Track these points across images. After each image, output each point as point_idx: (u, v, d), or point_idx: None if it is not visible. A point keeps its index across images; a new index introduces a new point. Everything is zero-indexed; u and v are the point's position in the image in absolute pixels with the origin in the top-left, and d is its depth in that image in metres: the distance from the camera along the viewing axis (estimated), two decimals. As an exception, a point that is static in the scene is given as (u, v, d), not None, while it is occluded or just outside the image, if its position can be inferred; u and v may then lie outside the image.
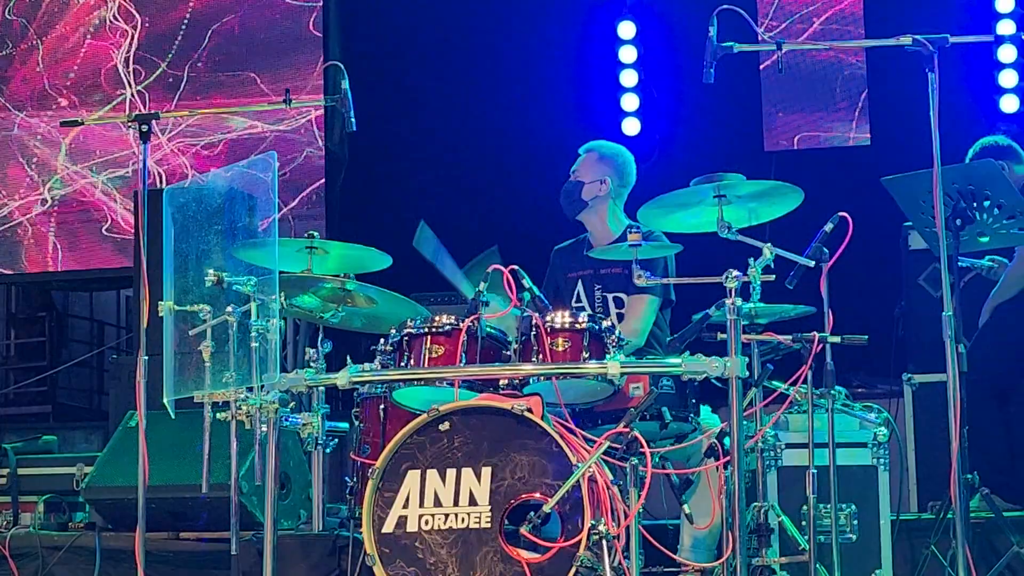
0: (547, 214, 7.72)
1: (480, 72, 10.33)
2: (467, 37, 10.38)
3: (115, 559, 6.84)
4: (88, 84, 10.84)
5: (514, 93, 10.23)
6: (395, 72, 10.31)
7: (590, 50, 10.21)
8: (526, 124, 10.06)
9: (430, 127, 10.41)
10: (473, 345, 5.65)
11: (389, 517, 5.37)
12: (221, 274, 5.57)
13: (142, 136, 5.87)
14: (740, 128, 10.08)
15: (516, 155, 10.02)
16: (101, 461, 7.13)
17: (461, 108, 10.34)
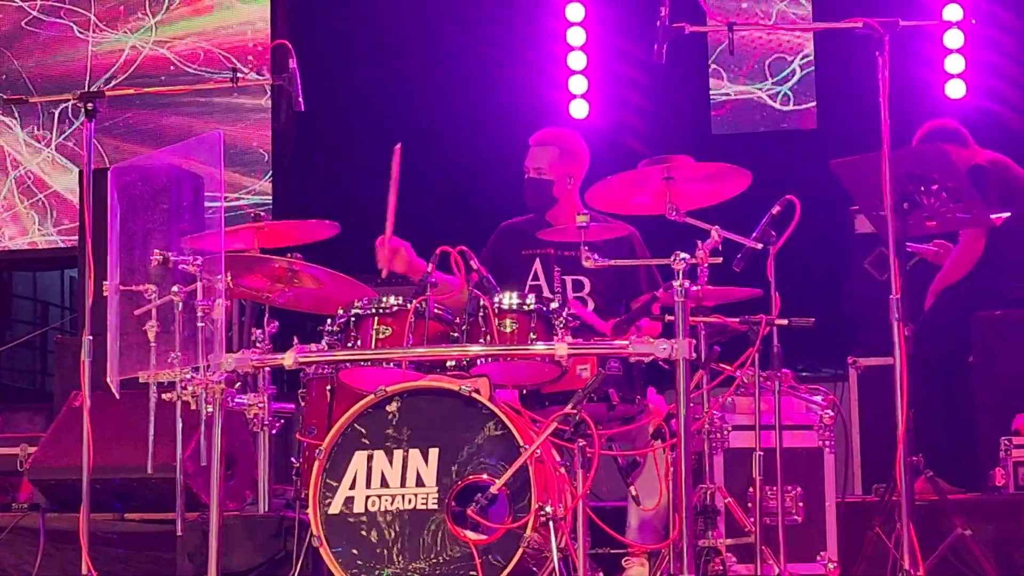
0: (494, 193, 7.71)
1: (428, 52, 10.30)
2: (415, 17, 10.34)
3: (59, 540, 6.79)
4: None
5: (462, 73, 10.21)
6: (341, 51, 10.27)
7: (539, 31, 10.19)
8: (475, 104, 10.04)
9: (377, 107, 10.37)
10: (420, 325, 5.63)
11: (335, 498, 5.36)
12: (167, 253, 5.54)
13: (87, 114, 5.81)
14: (688, 110, 10.10)
15: (465, 135, 10.00)
16: (46, 442, 7.08)
17: (408, 88, 10.30)
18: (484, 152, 9.64)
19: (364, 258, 6.62)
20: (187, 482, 6.16)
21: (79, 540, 5.91)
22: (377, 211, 6.46)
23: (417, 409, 5.40)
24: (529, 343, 5.55)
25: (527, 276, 6.65)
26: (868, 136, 5.56)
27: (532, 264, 6.69)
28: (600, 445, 5.22)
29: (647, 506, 5.83)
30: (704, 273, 5.55)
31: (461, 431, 5.33)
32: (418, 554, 5.30)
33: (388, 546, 5.32)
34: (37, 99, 6.05)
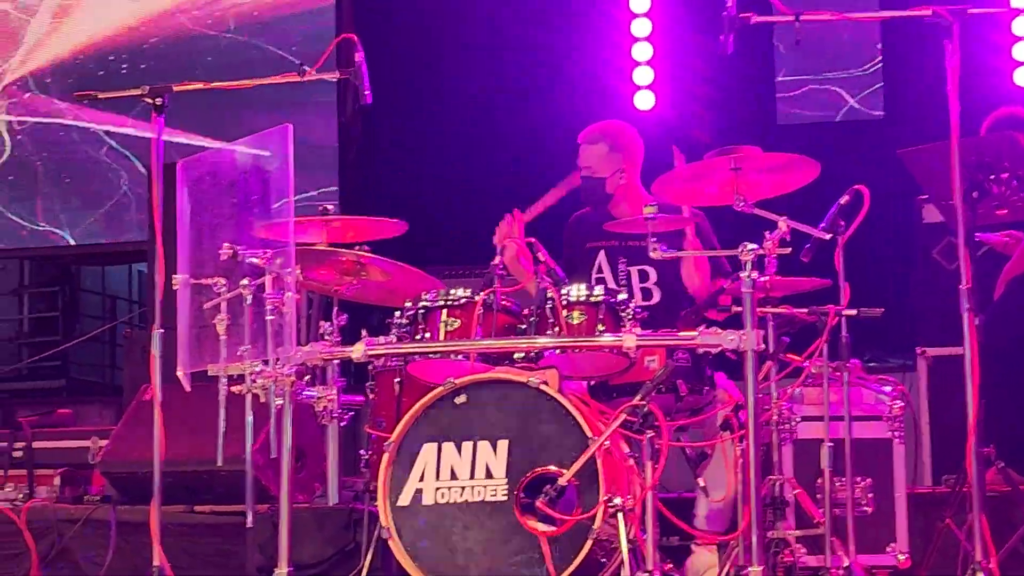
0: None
1: (494, 45, 10.29)
2: (479, 9, 10.34)
3: (130, 532, 6.85)
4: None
5: (527, 67, 10.19)
6: (404, 44, 10.28)
7: (604, 23, 10.16)
8: (540, 97, 10.03)
9: (441, 100, 10.38)
10: (489, 318, 5.65)
11: (405, 490, 5.39)
12: (236, 247, 5.57)
13: (156, 109, 5.85)
14: (754, 100, 10.05)
15: (529, 128, 9.98)
16: (116, 435, 7.14)
17: (473, 81, 10.30)
18: (549, 145, 9.61)
19: (430, 250, 6.64)
20: (256, 475, 6.20)
21: (150, 532, 5.96)
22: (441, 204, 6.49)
23: (486, 401, 5.41)
24: (597, 335, 5.55)
25: (592, 268, 6.63)
26: (936, 125, 5.52)
27: (596, 256, 6.67)
28: (668, 436, 5.22)
29: (715, 497, 5.83)
30: (772, 264, 5.53)
31: (529, 423, 5.35)
32: (486, 546, 5.33)
33: (456, 538, 5.35)
34: (107, 94, 6.05)
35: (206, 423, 6.53)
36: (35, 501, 7.34)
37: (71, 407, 8.89)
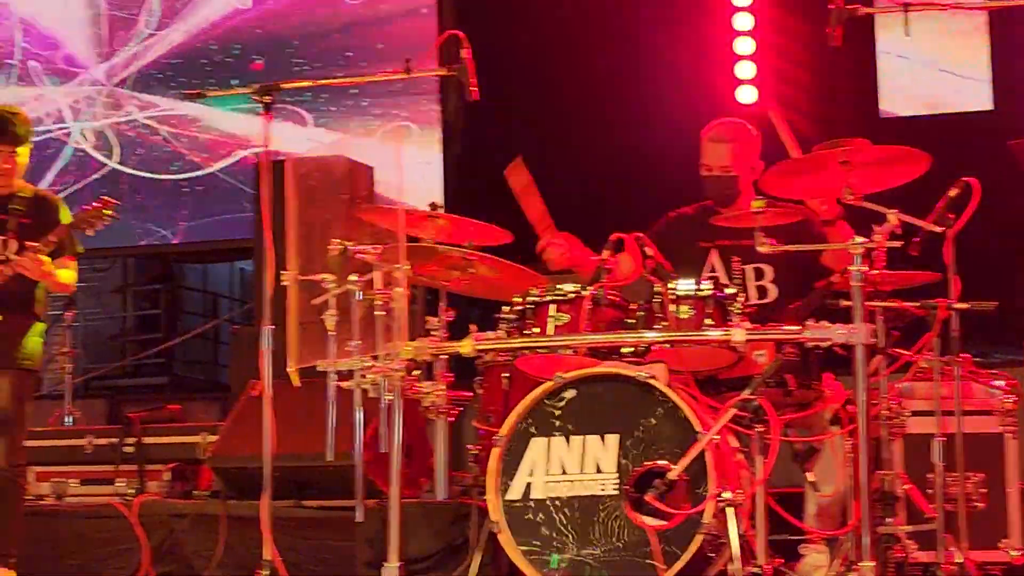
0: (663, 180, 7.68)
1: (594, 42, 10.28)
2: (581, 5, 10.33)
3: (239, 527, 6.91)
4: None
5: (628, 62, 10.17)
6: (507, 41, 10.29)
7: (705, 17, 10.12)
8: (641, 93, 10.01)
9: (546, 96, 10.38)
10: (597, 313, 5.65)
11: (514, 484, 5.41)
12: (346, 243, 5.61)
13: (265, 107, 5.90)
14: (857, 93, 9.97)
15: (632, 124, 9.96)
16: (225, 430, 7.20)
17: (574, 77, 10.29)
18: (652, 140, 9.61)
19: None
20: (364, 470, 6.24)
21: (259, 527, 6.02)
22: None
23: (594, 396, 5.42)
24: (705, 329, 5.54)
25: (703, 268, 6.57)
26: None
27: (708, 256, 6.61)
28: (778, 431, 5.20)
29: (825, 492, 5.79)
30: (881, 257, 5.48)
31: (638, 417, 5.35)
32: (594, 540, 5.34)
33: (566, 532, 5.36)
34: (216, 92, 6.11)
35: (315, 418, 6.59)
36: (146, 496, 7.43)
37: (175, 404, 8.97)
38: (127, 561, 7.07)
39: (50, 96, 11.72)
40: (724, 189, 6.59)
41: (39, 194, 6.74)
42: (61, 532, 7.25)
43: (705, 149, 6.63)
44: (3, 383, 6.51)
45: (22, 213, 6.58)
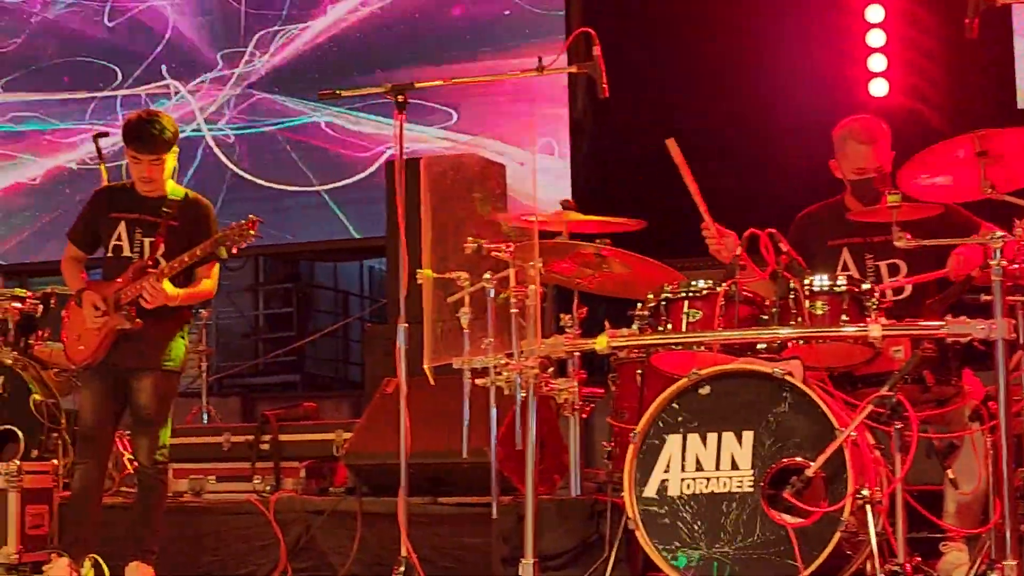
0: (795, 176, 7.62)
1: (725, 37, 10.22)
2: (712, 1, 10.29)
3: (375, 524, 6.96)
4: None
5: (760, 56, 10.10)
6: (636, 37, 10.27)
7: (837, 10, 10.03)
8: (771, 86, 9.94)
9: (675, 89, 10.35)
10: (731, 309, 5.62)
11: (650, 481, 5.40)
12: (481, 241, 5.63)
13: (399, 106, 5.94)
14: (991, 85, 9.83)
15: (763, 119, 9.90)
16: (360, 428, 7.25)
17: (705, 73, 10.25)
18: (784, 134, 9.54)
19: (667, 242, 6.62)
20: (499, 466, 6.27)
21: (395, 523, 6.06)
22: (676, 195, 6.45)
23: (730, 392, 5.40)
24: (840, 325, 5.49)
25: (836, 266, 6.50)
26: None
27: (840, 254, 6.53)
28: (917, 427, 5.14)
29: (965, 490, 5.71)
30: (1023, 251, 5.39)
31: (775, 414, 5.31)
32: (730, 537, 5.31)
33: (700, 529, 5.33)
34: (349, 92, 6.16)
35: (450, 416, 6.63)
36: (282, 493, 7.50)
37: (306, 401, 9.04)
38: (265, 557, 7.15)
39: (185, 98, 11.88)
40: (877, 187, 6.43)
41: (190, 197, 6.82)
42: (200, 529, 7.34)
43: (851, 151, 6.46)
44: (146, 383, 6.61)
45: (171, 216, 6.67)
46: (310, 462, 7.63)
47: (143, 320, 6.58)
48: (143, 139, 6.63)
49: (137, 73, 12.11)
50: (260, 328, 15.24)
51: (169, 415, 6.75)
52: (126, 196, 6.83)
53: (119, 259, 6.70)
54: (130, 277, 6.60)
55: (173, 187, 6.79)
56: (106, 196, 6.94)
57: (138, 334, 6.61)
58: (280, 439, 7.73)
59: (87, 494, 6.67)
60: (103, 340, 6.61)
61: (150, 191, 6.73)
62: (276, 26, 11.63)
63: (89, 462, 6.68)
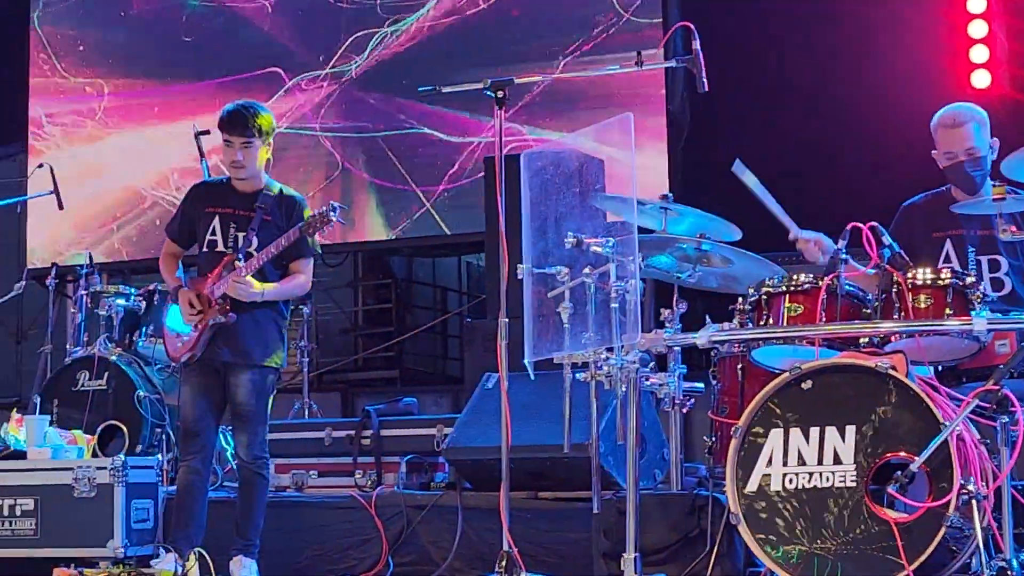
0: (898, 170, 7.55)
1: (823, 31, 10.16)
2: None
3: (476, 518, 6.97)
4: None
5: (858, 50, 10.03)
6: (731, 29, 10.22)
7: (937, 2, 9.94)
8: (872, 82, 9.86)
9: (771, 87, 10.30)
10: (832, 303, 5.59)
11: (752, 476, 5.38)
12: (581, 236, 5.64)
13: (498, 102, 5.96)
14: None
15: (862, 113, 9.82)
16: (460, 422, 7.27)
17: (802, 64, 10.18)
18: (883, 128, 9.47)
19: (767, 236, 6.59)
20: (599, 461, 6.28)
21: (495, 518, 6.08)
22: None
23: (832, 386, 5.36)
24: (945, 319, 5.45)
25: (938, 258, 6.45)
26: None
27: (943, 246, 6.48)
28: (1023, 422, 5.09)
29: (1072, 484, 5.65)
30: None
31: (878, 408, 5.27)
32: (835, 532, 5.28)
33: (802, 524, 5.31)
34: (450, 88, 6.18)
35: (550, 410, 6.65)
36: (384, 488, 7.54)
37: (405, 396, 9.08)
38: (366, 552, 7.18)
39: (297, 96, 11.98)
40: (977, 172, 6.38)
41: (284, 192, 6.86)
42: (301, 523, 7.39)
43: (943, 137, 6.47)
44: (243, 379, 6.67)
45: (265, 210, 6.72)
46: (411, 457, 7.66)
47: (238, 315, 6.63)
48: (234, 122, 6.68)
49: (239, 68, 12.23)
50: (359, 324, 15.35)
51: (267, 410, 6.80)
52: (221, 191, 6.88)
53: (213, 254, 6.76)
54: (221, 272, 6.65)
55: (268, 182, 6.84)
56: (202, 191, 6.99)
57: (234, 329, 6.65)
58: (381, 434, 7.77)
59: (191, 489, 6.73)
60: (200, 336, 6.67)
61: (242, 181, 6.76)
62: (374, 27, 11.69)
63: (192, 458, 6.74)
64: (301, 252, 6.74)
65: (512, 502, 5.90)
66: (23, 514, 7.31)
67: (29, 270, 11.82)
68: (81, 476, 7.20)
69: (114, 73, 12.75)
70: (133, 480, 7.21)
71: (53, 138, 12.84)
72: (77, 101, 12.81)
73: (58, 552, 7.10)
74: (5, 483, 7.38)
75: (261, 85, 12.00)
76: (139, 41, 12.70)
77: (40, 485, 7.30)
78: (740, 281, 6.13)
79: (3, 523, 7.33)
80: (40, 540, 7.26)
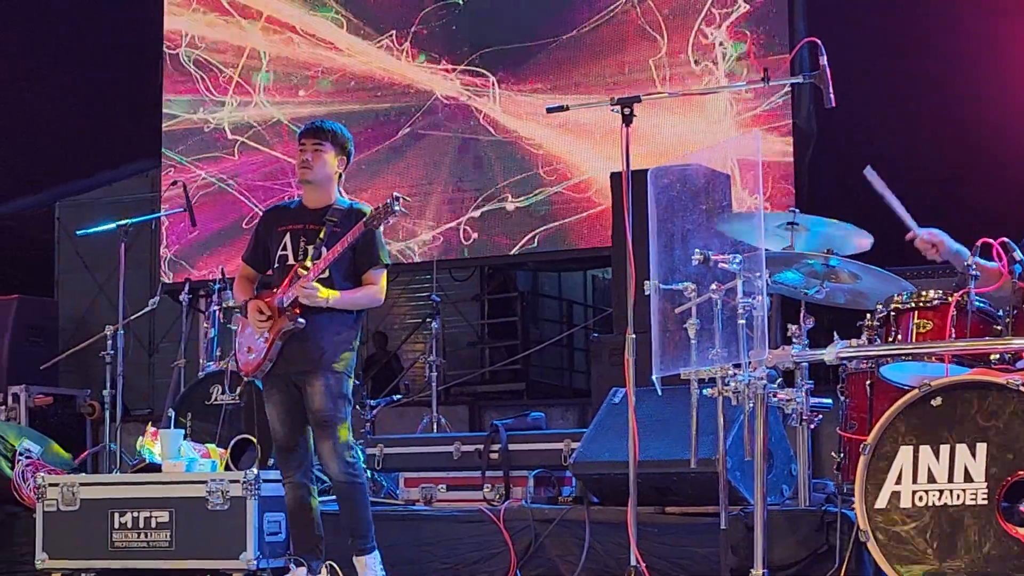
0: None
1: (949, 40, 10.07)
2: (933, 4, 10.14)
3: (603, 533, 6.99)
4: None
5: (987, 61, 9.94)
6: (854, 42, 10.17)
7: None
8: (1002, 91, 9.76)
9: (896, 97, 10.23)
10: (962, 319, 5.56)
11: (882, 493, 5.37)
12: (707, 252, 5.65)
13: (624, 119, 5.99)
14: None
15: (991, 123, 9.72)
16: (588, 437, 7.29)
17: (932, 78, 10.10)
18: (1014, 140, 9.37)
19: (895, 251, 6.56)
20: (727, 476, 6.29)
21: (622, 532, 6.09)
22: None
23: (963, 403, 5.33)
24: (1078, 334, 5.40)
25: None
26: None
27: None
28: None
29: None
30: None
31: (1011, 425, 5.23)
32: (963, 551, 5.25)
33: (933, 541, 5.29)
34: (577, 106, 6.23)
35: (677, 425, 6.66)
36: (512, 502, 7.58)
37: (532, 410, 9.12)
38: (495, 565, 7.22)
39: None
40: None
41: (354, 206, 6.87)
42: (430, 536, 7.44)
43: None
44: (318, 386, 6.59)
45: (335, 223, 6.72)
46: (538, 471, 7.69)
47: (307, 322, 6.61)
48: (308, 130, 6.76)
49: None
50: (485, 337, 15.45)
51: (346, 415, 6.71)
52: (292, 211, 6.89)
53: (284, 267, 6.74)
54: (290, 281, 6.67)
55: (339, 199, 6.86)
56: (274, 214, 7.00)
57: (304, 337, 6.60)
58: (509, 448, 7.81)
59: (302, 504, 6.71)
60: (271, 345, 6.67)
61: (311, 191, 6.76)
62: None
63: (293, 473, 6.71)
64: (372, 261, 6.71)
65: (639, 517, 5.92)
66: (158, 526, 7.46)
67: (163, 285, 12.06)
68: (215, 489, 7.33)
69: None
70: (265, 493, 7.31)
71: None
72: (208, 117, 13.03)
73: (192, 564, 7.22)
74: (141, 495, 7.54)
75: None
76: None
77: (175, 498, 7.45)
78: (868, 297, 6.10)
79: (139, 535, 7.48)
80: (175, 552, 7.40)
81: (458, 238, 11.66)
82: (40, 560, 7.61)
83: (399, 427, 11.18)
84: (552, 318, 15.78)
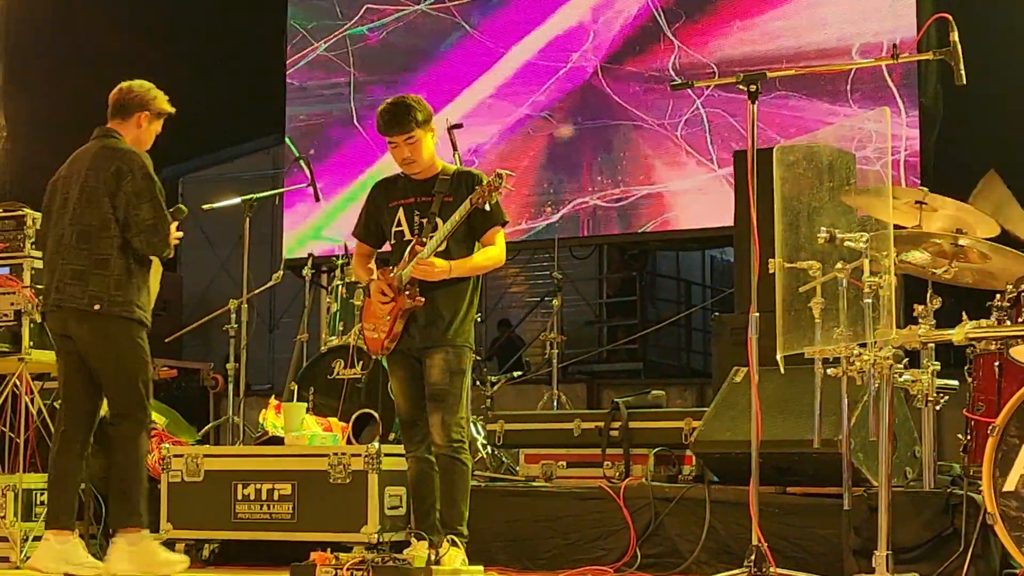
0: None
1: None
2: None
3: (723, 512, 6.96)
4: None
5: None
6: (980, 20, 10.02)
7: None
8: None
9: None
10: (1095, 298, 5.47)
11: (1010, 476, 5.30)
12: (834, 231, 5.60)
13: (751, 96, 5.95)
14: None
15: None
16: (709, 416, 7.27)
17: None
18: None
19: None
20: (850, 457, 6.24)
21: (743, 512, 6.06)
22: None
23: (1093, 385, 5.25)
24: None
25: None
26: None
27: None
28: None
29: None
30: None
31: None
32: (1096, 534, 5.18)
33: (1061, 525, 5.22)
34: (702, 83, 6.19)
35: (800, 405, 6.62)
36: (632, 480, 7.57)
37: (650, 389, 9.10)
38: (615, 543, 7.22)
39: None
40: None
41: (462, 171, 6.86)
42: (551, 513, 7.45)
43: None
44: (436, 359, 6.61)
45: (445, 193, 6.72)
46: (659, 449, 7.68)
47: (425, 297, 6.63)
48: (391, 123, 6.69)
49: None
50: (604, 316, 15.45)
51: (463, 392, 6.74)
52: (401, 184, 6.88)
53: (401, 244, 6.77)
54: (406, 259, 6.68)
55: (444, 165, 6.85)
56: (381, 189, 6.98)
57: (423, 312, 6.63)
58: (630, 426, 7.80)
59: (424, 479, 6.74)
60: (393, 324, 6.68)
61: (418, 174, 6.79)
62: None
63: (416, 447, 6.75)
64: (491, 221, 6.70)
65: (761, 497, 5.89)
66: (280, 499, 7.54)
67: (286, 260, 12.16)
68: (337, 463, 7.39)
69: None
70: (387, 468, 7.36)
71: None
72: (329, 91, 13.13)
73: (314, 536, 7.28)
74: (264, 468, 7.62)
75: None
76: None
77: (297, 471, 7.52)
78: (997, 277, 6.02)
79: (262, 507, 7.57)
80: (297, 524, 7.48)
81: (582, 216, 11.65)
82: (164, 530, 7.72)
83: (517, 404, 11.22)
84: (670, 298, 15.75)
